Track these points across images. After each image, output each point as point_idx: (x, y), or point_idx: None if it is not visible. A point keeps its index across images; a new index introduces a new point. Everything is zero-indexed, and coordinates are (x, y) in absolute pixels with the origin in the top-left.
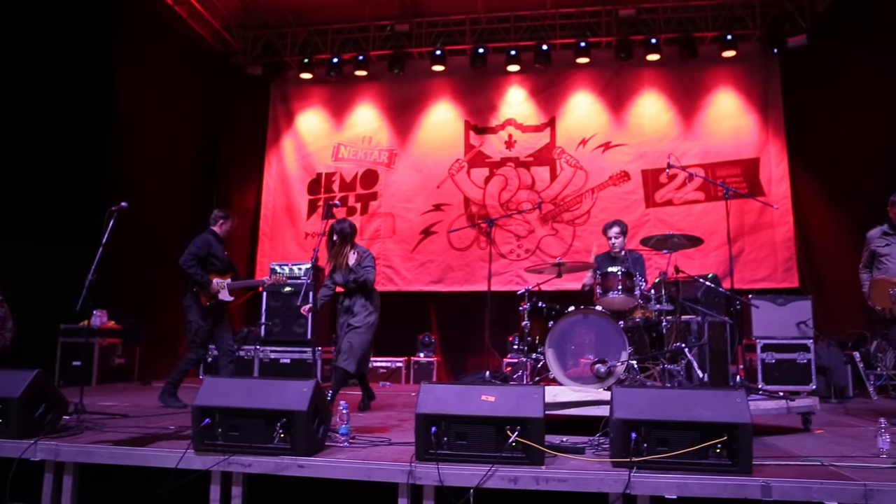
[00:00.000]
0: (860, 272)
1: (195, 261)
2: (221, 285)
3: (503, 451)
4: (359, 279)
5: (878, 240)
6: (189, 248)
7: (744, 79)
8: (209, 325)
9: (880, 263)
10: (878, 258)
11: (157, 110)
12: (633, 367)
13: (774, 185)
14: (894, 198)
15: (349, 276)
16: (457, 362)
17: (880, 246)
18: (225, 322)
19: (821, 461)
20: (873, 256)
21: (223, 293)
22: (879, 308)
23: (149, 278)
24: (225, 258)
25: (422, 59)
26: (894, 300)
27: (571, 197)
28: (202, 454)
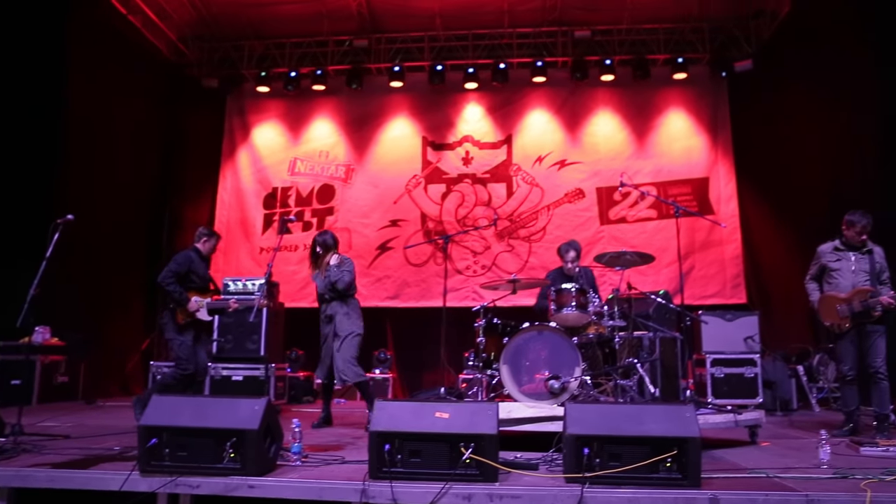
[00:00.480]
0: (806, 283)
1: (174, 278)
2: (200, 304)
3: (457, 469)
4: (335, 282)
5: (829, 254)
6: (169, 265)
7: (694, 100)
8: (191, 340)
9: (830, 278)
10: (829, 272)
11: (109, 121)
12: (586, 382)
13: (723, 204)
14: (849, 217)
15: (327, 282)
16: (413, 379)
17: (831, 261)
18: (203, 340)
19: (766, 473)
20: (823, 270)
21: (201, 312)
22: (828, 324)
23: (98, 293)
24: (206, 276)
25: (380, 74)
26: (842, 316)
27: (527, 213)
28: (148, 475)
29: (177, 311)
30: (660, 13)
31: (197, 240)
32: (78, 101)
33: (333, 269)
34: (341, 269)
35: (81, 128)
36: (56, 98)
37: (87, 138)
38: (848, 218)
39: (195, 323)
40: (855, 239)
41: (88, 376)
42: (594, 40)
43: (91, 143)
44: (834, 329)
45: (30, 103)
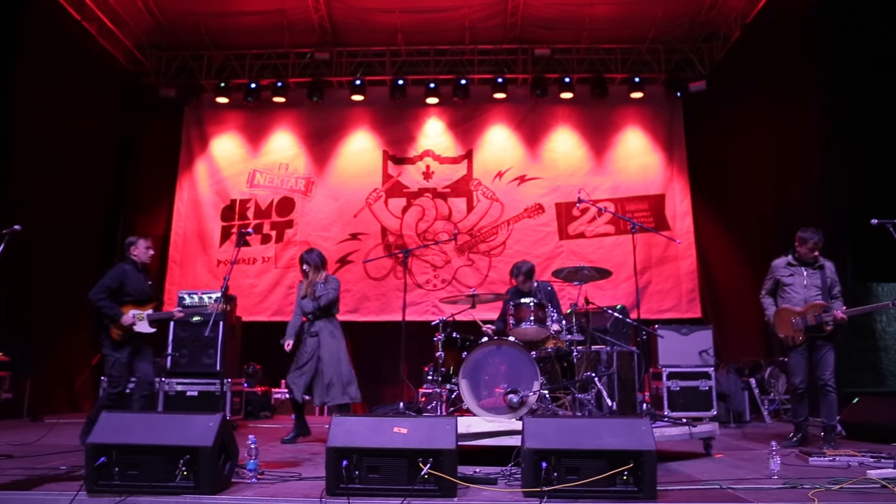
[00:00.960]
0: (762, 298)
1: (105, 293)
2: (140, 317)
3: (415, 484)
4: (319, 298)
5: (782, 269)
6: (101, 280)
7: (650, 119)
8: (126, 357)
9: (784, 292)
10: (782, 287)
11: (62, 129)
12: (545, 396)
13: (679, 221)
14: (801, 234)
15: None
16: (373, 393)
17: (784, 276)
18: (144, 353)
19: (720, 484)
20: (777, 285)
21: (141, 325)
22: (783, 336)
23: (46, 307)
24: (144, 288)
25: (341, 88)
26: (796, 329)
27: (487, 228)
28: (96, 496)
29: (110, 327)
30: (617, 34)
31: (126, 249)
32: (28, 108)
33: (319, 286)
34: (327, 287)
35: (31, 136)
36: (4, 103)
37: (38, 146)
38: (800, 235)
39: (134, 337)
40: (807, 255)
41: (34, 392)
42: (554, 58)
43: (41, 151)
44: (788, 341)
45: None
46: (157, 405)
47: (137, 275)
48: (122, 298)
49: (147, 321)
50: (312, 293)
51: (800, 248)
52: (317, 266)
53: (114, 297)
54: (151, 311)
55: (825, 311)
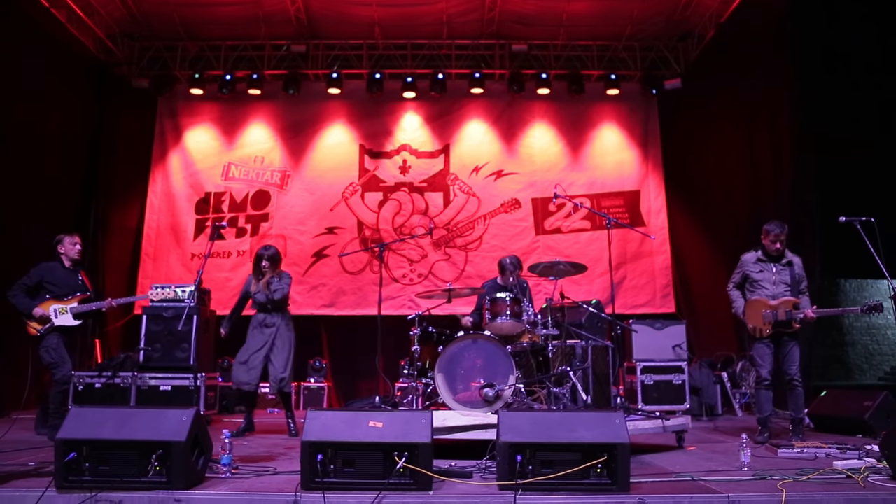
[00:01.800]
0: (730, 290)
1: (20, 289)
2: (62, 310)
3: (391, 478)
4: (275, 292)
5: (752, 265)
6: (21, 279)
7: (626, 116)
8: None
9: (753, 287)
10: (751, 281)
11: (29, 122)
12: (520, 390)
13: (654, 217)
14: (767, 227)
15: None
16: (348, 387)
17: (754, 271)
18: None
19: (691, 476)
20: (745, 279)
21: (63, 318)
22: (751, 326)
23: None
24: (71, 283)
25: (317, 80)
26: (766, 321)
27: (464, 223)
28: (65, 492)
29: (27, 323)
30: (594, 31)
31: (54, 248)
32: None
33: (275, 281)
34: (281, 283)
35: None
36: None
37: (6, 137)
38: (765, 227)
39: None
40: (770, 247)
41: (4, 386)
42: (531, 54)
43: (10, 142)
44: (754, 332)
45: None
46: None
47: (64, 271)
48: (44, 295)
49: (70, 314)
50: (267, 287)
51: (764, 239)
52: (275, 262)
53: (33, 293)
54: (76, 305)
55: (796, 308)
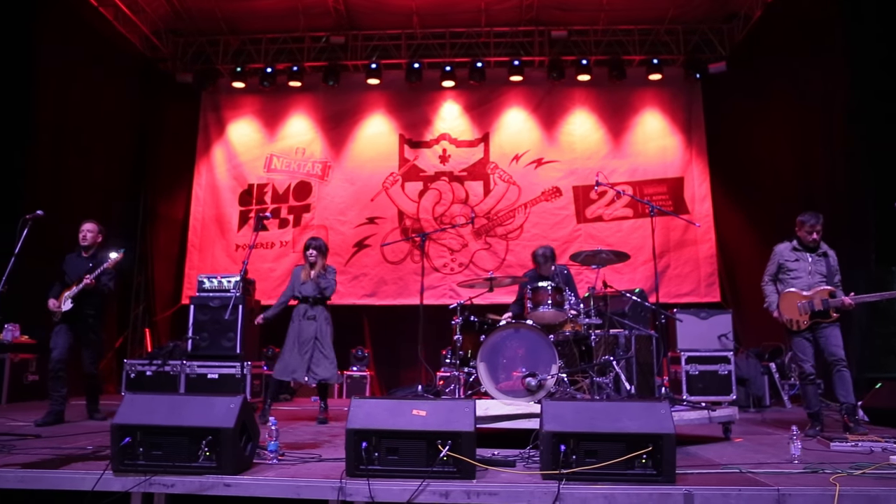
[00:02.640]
0: (765, 285)
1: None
2: (68, 297)
3: (434, 466)
4: (325, 289)
5: (788, 253)
6: None
7: (669, 101)
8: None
9: (787, 277)
10: (786, 271)
11: (80, 117)
12: (563, 379)
13: (698, 204)
14: (801, 217)
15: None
16: (390, 376)
17: (790, 260)
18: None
19: (739, 468)
20: (780, 269)
21: (65, 304)
22: (787, 319)
23: None
24: (80, 269)
25: (357, 71)
26: (801, 312)
27: (504, 212)
28: (121, 475)
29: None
30: (635, 15)
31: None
32: (48, 95)
33: (323, 277)
34: (328, 277)
35: (52, 122)
36: (25, 95)
37: (59, 133)
38: (799, 218)
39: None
40: (806, 238)
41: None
42: (571, 40)
43: (63, 137)
44: (792, 326)
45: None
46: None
47: (78, 260)
48: (67, 284)
49: (70, 299)
50: (316, 281)
51: (799, 231)
52: (323, 253)
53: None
54: (74, 289)
55: (832, 297)
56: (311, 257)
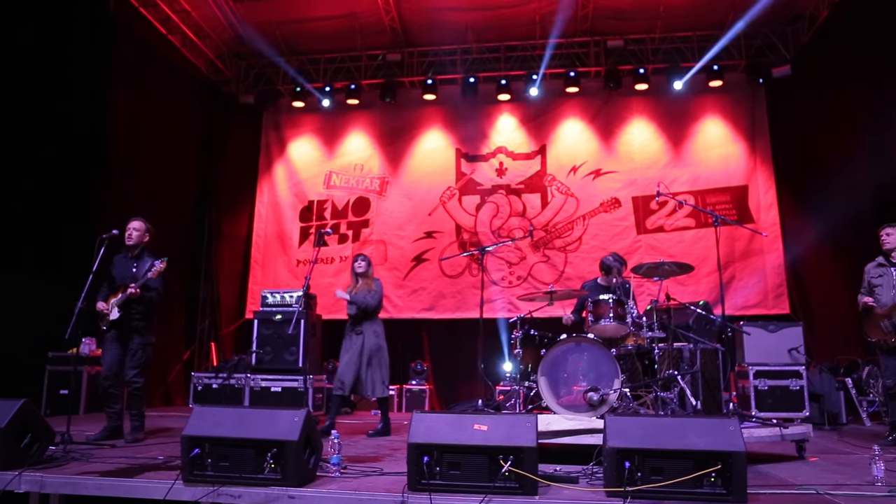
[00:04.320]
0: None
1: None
2: (114, 304)
3: (496, 481)
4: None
5: (873, 270)
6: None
7: (731, 107)
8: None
9: (874, 294)
10: (872, 287)
11: (150, 138)
12: (625, 394)
13: (763, 212)
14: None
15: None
16: (449, 390)
17: (874, 277)
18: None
19: (816, 489)
20: (870, 287)
21: (113, 312)
22: (874, 340)
23: None
24: (126, 273)
25: (413, 87)
26: (886, 331)
27: (563, 224)
28: (191, 485)
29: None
30: (694, 21)
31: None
32: (119, 118)
33: (361, 294)
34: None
35: (123, 146)
36: (99, 117)
37: (129, 156)
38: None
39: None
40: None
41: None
42: (627, 49)
43: (132, 160)
44: (882, 344)
45: (73, 120)
46: (244, 400)
47: (124, 261)
48: (115, 287)
49: (116, 308)
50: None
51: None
52: (365, 272)
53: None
54: (119, 296)
55: None
56: (358, 269)
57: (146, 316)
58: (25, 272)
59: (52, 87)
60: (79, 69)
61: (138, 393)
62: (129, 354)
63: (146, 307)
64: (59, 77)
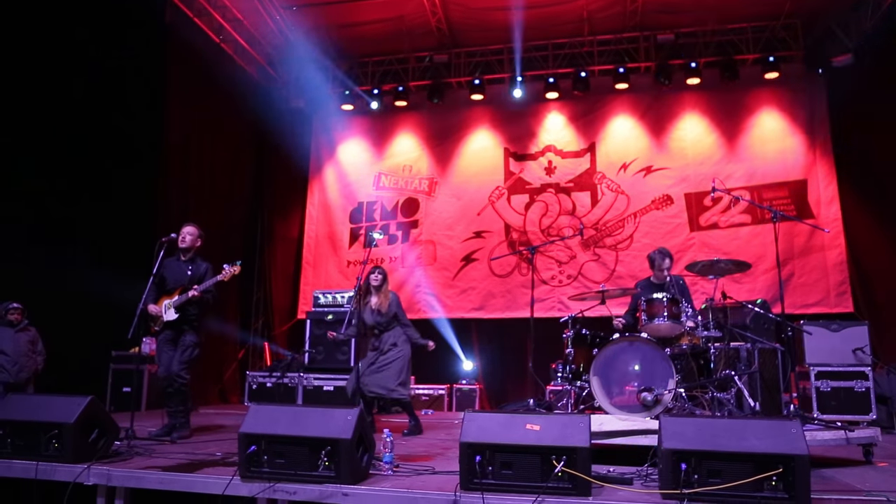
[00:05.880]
0: None
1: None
2: (169, 306)
3: (549, 482)
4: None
5: None
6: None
7: (788, 100)
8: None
9: None
10: None
11: (205, 145)
12: (680, 395)
13: (824, 207)
14: None
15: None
16: (499, 390)
17: None
18: (179, 345)
19: (887, 496)
20: None
21: (168, 314)
22: None
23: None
24: (180, 277)
25: (460, 88)
26: None
27: (613, 222)
28: (248, 481)
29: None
30: (748, 11)
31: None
32: (175, 128)
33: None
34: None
35: (179, 152)
36: (157, 124)
37: (185, 162)
38: None
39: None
40: None
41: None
42: (678, 43)
43: (188, 164)
44: None
45: (130, 124)
46: (297, 398)
47: (177, 264)
48: (167, 289)
49: (173, 308)
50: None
51: None
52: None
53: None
54: (176, 298)
55: None
56: (374, 282)
57: (200, 317)
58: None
59: (109, 101)
60: (135, 82)
61: (184, 389)
62: (180, 350)
63: (201, 309)
64: (117, 91)
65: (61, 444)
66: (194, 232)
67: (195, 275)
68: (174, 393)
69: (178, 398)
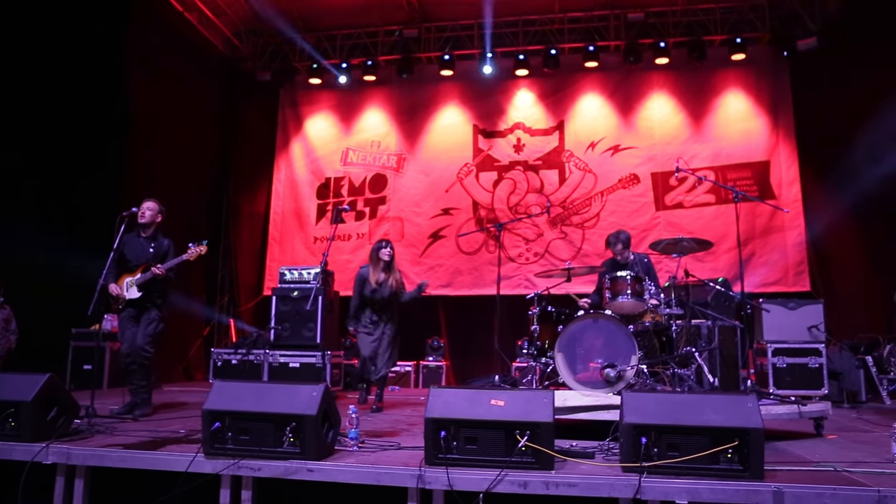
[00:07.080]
0: None
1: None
2: (132, 283)
3: (513, 456)
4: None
5: None
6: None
7: (753, 81)
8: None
9: None
10: None
11: (169, 116)
12: (642, 371)
13: (785, 189)
14: None
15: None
16: (466, 366)
17: None
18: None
19: (834, 467)
20: None
21: (130, 292)
22: None
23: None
24: (142, 253)
25: (430, 63)
26: None
27: (580, 200)
28: (212, 458)
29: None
30: None
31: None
32: (139, 99)
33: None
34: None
35: (143, 124)
36: (119, 96)
37: (149, 134)
38: None
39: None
40: None
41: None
42: (648, 23)
43: (152, 138)
44: None
45: (95, 103)
46: (263, 375)
47: (138, 241)
48: (128, 266)
49: (136, 287)
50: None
51: None
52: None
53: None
54: (139, 276)
55: None
56: (385, 256)
57: (165, 296)
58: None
59: (70, 70)
60: (95, 49)
61: (148, 363)
62: (144, 324)
63: (164, 286)
64: (76, 58)
65: (18, 422)
66: (154, 207)
67: (157, 252)
68: (137, 368)
69: (141, 373)
